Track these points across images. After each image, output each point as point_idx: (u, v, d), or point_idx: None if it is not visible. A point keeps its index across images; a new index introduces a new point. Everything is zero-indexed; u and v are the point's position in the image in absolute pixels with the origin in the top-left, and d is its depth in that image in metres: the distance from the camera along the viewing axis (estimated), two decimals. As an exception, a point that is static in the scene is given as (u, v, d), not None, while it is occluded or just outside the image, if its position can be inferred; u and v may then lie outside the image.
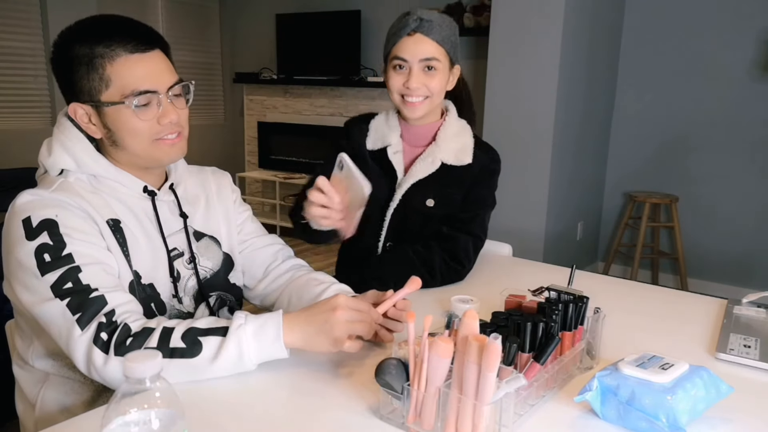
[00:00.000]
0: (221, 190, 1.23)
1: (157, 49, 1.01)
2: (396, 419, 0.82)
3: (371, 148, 1.52)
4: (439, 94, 1.45)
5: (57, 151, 1.02)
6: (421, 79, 1.40)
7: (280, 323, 0.93)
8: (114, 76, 0.97)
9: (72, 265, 0.91)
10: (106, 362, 0.87)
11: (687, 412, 0.80)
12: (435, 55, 1.40)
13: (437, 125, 1.50)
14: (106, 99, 0.98)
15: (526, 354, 0.86)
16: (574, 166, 3.65)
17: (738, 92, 3.54)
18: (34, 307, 0.92)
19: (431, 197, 1.47)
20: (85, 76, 0.98)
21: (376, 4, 4.57)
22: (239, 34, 5.50)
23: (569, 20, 3.28)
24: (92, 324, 0.88)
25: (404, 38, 1.40)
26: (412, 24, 1.39)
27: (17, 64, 4.26)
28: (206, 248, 1.16)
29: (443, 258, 1.42)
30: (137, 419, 0.57)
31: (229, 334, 0.90)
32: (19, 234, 0.93)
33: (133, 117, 0.99)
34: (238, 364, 0.91)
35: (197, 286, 1.13)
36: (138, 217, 1.05)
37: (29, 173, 1.09)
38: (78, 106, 1.00)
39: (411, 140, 1.52)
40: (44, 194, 0.97)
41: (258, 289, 1.25)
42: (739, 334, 1.14)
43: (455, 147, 1.48)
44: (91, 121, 1.01)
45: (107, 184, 1.04)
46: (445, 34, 1.42)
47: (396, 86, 1.44)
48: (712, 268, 3.76)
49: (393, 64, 1.43)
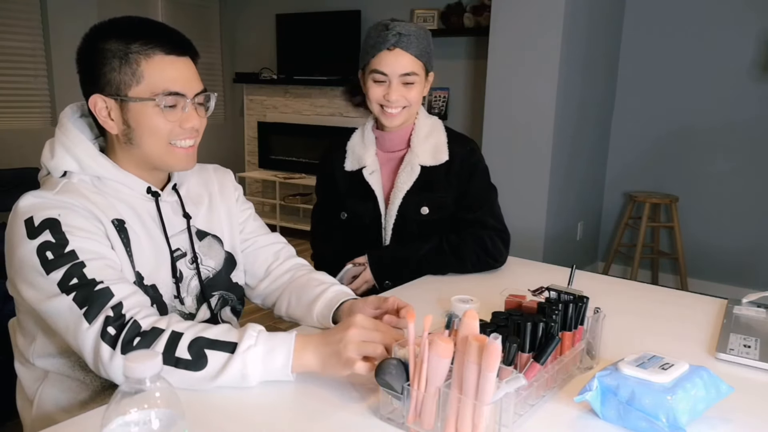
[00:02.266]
0: (224, 188, 1.23)
1: (189, 56, 1.03)
2: (396, 419, 0.82)
3: (349, 169, 1.58)
4: (416, 104, 1.51)
5: (59, 153, 1.02)
6: (401, 92, 1.46)
7: (291, 349, 0.90)
8: (147, 74, 0.98)
9: (76, 261, 0.91)
10: (113, 358, 0.87)
11: (687, 412, 0.80)
12: (414, 70, 1.46)
13: (409, 129, 1.55)
14: (135, 95, 0.99)
15: (526, 354, 0.86)
16: (573, 165, 3.65)
17: (738, 92, 3.54)
18: (40, 304, 0.92)
19: (424, 205, 1.52)
20: (116, 69, 0.98)
21: (376, 4, 4.57)
22: (239, 34, 5.51)
23: (569, 20, 3.28)
24: (99, 317, 0.88)
25: (384, 52, 1.44)
26: (392, 39, 1.43)
27: (17, 64, 4.26)
28: (209, 247, 1.16)
29: (476, 251, 1.48)
30: (137, 419, 0.57)
31: (236, 353, 0.88)
32: (21, 234, 0.93)
33: (158, 116, 1.00)
34: (240, 383, 0.89)
35: (200, 286, 1.13)
36: (141, 217, 1.05)
37: (29, 173, 1.09)
38: (100, 98, 1.00)
39: (387, 147, 1.58)
40: (48, 196, 0.97)
41: (259, 288, 1.25)
42: (739, 334, 1.14)
43: (429, 148, 1.53)
44: (110, 116, 1.01)
45: (110, 185, 1.04)
46: (423, 46, 1.47)
47: (376, 97, 1.48)
48: (712, 268, 3.76)
49: (373, 77, 1.47)
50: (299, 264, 1.28)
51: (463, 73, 4.17)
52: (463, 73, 4.18)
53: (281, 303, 1.21)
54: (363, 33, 4.57)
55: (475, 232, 1.50)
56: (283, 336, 0.92)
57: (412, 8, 4.30)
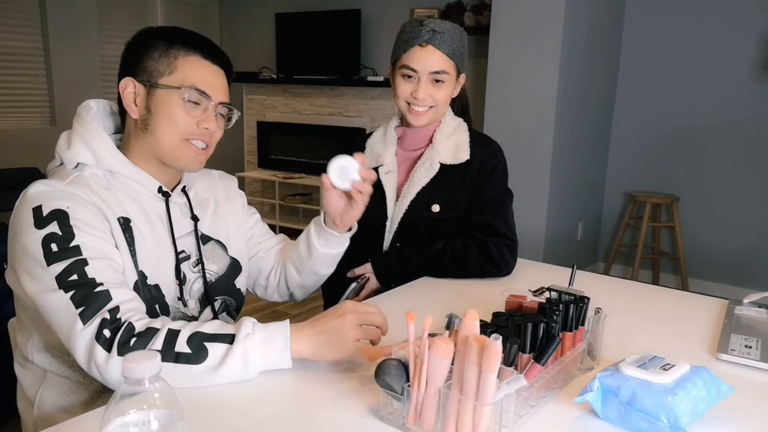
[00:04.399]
0: (229, 195, 1.25)
1: (224, 69, 1.08)
2: (396, 420, 0.82)
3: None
4: (444, 105, 1.48)
5: (76, 144, 1.02)
6: (429, 90, 1.43)
7: (287, 334, 0.92)
8: (181, 67, 1.03)
9: (78, 258, 0.91)
10: (108, 361, 0.86)
11: (688, 413, 0.80)
12: (444, 68, 1.42)
13: (434, 127, 1.52)
14: (164, 83, 1.02)
15: (527, 355, 0.86)
16: (574, 165, 3.65)
17: (738, 92, 3.54)
18: (38, 297, 0.91)
19: (436, 202, 1.48)
20: (154, 58, 1.03)
21: (376, 4, 4.56)
22: (239, 34, 5.50)
23: (569, 20, 3.28)
24: (95, 319, 0.88)
25: (415, 48, 1.41)
26: (425, 35, 1.40)
27: (17, 64, 4.26)
28: (212, 252, 1.16)
29: (479, 260, 1.44)
30: (137, 420, 0.57)
31: (236, 342, 0.89)
32: (28, 222, 0.93)
33: (179, 107, 1.02)
34: (242, 374, 0.90)
35: (203, 289, 1.13)
36: (149, 217, 1.05)
37: (28, 173, 1.09)
38: (131, 81, 1.03)
39: (409, 145, 1.55)
40: (58, 185, 0.97)
41: (270, 287, 1.31)
42: (740, 335, 1.14)
43: (451, 146, 1.50)
44: (135, 101, 1.04)
45: (123, 181, 1.04)
46: (456, 46, 1.43)
47: (403, 94, 1.45)
48: (713, 269, 3.76)
49: (402, 72, 1.44)
50: None
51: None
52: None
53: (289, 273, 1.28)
54: (363, 32, 4.58)
55: (482, 238, 1.45)
56: (277, 324, 0.94)
57: (412, 7, 4.30)
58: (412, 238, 1.50)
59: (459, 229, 1.50)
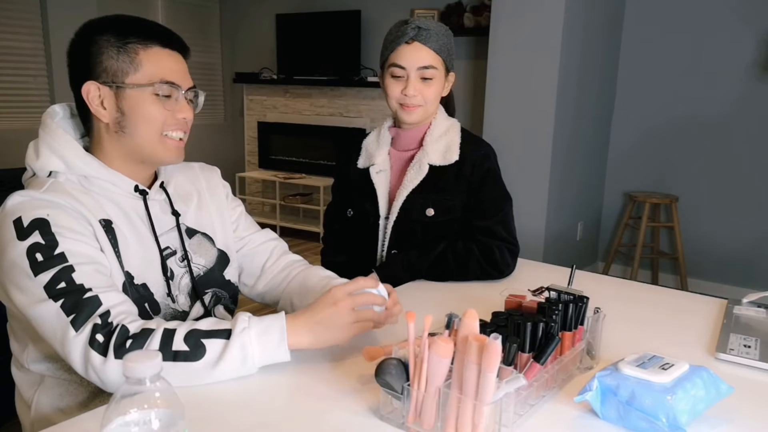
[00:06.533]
0: (212, 186, 1.23)
1: (181, 53, 1.06)
2: (396, 419, 0.82)
3: (361, 166, 1.57)
4: (433, 102, 1.49)
5: (45, 154, 1.01)
6: (418, 88, 1.44)
7: (283, 326, 0.93)
8: (145, 62, 1.00)
9: (65, 265, 0.90)
10: (105, 364, 0.86)
11: (687, 412, 0.80)
12: (432, 63, 1.44)
13: (425, 128, 1.53)
14: (132, 82, 1.00)
15: (526, 354, 0.86)
16: (573, 165, 3.65)
17: (738, 92, 3.54)
18: (28, 309, 0.91)
19: (430, 206, 1.48)
20: (113, 57, 0.99)
21: (376, 4, 4.57)
22: (239, 34, 5.50)
23: (569, 21, 3.28)
24: (87, 325, 0.87)
25: (402, 46, 1.43)
26: (411, 32, 1.42)
27: (17, 64, 4.26)
28: (199, 245, 1.15)
29: (480, 262, 1.44)
30: (137, 419, 0.57)
31: (232, 337, 0.90)
32: (10, 235, 0.92)
33: (154, 104, 1.01)
34: (241, 368, 0.90)
35: (191, 284, 1.13)
36: (129, 216, 1.05)
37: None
38: (94, 85, 1.00)
39: (402, 145, 1.56)
40: (35, 194, 0.95)
41: (257, 287, 1.26)
42: (739, 334, 1.14)
43: (441, 147, 1.50)
44: (102, 104, 1.01)
45: (98, 184, 1.03)
46: (442, 42, 1.45)
47: (394, 94, 1.47)
48: (712, 268, 3.76)
49: (391, 71, 1.46)
50: (293, 261, 1.28)
51: (463, 73, 4.16)
52: (463, 73, 4.18)
53: (284, 304, 1.22)
54: (363, 33, 4.58)
55: (484, 241, 1.45)
56: (272, 316, 0.94)
57: (412, 8, 4.30)
58: (408, 243, 1.50)
59: (455, 231, 1.50)
